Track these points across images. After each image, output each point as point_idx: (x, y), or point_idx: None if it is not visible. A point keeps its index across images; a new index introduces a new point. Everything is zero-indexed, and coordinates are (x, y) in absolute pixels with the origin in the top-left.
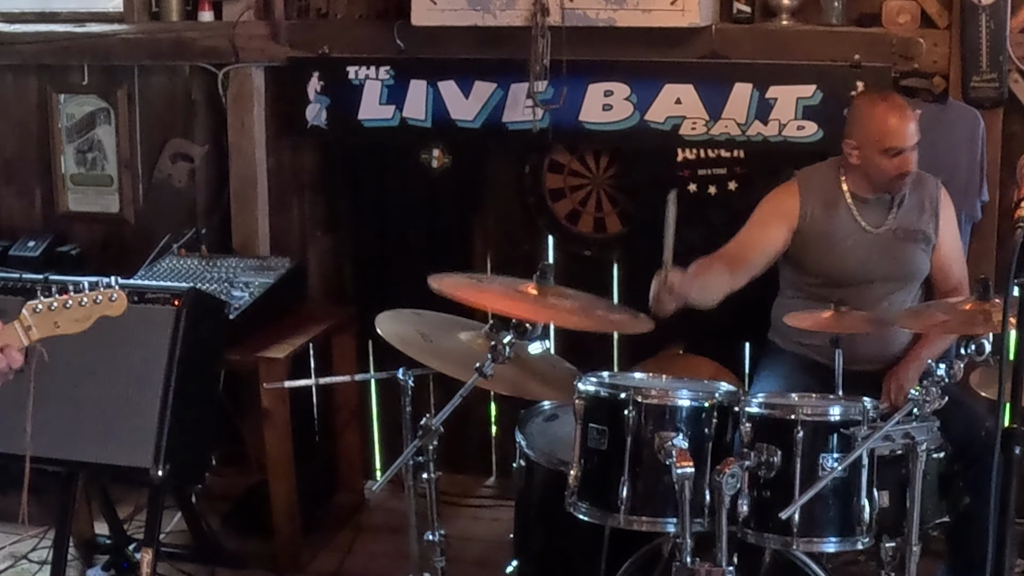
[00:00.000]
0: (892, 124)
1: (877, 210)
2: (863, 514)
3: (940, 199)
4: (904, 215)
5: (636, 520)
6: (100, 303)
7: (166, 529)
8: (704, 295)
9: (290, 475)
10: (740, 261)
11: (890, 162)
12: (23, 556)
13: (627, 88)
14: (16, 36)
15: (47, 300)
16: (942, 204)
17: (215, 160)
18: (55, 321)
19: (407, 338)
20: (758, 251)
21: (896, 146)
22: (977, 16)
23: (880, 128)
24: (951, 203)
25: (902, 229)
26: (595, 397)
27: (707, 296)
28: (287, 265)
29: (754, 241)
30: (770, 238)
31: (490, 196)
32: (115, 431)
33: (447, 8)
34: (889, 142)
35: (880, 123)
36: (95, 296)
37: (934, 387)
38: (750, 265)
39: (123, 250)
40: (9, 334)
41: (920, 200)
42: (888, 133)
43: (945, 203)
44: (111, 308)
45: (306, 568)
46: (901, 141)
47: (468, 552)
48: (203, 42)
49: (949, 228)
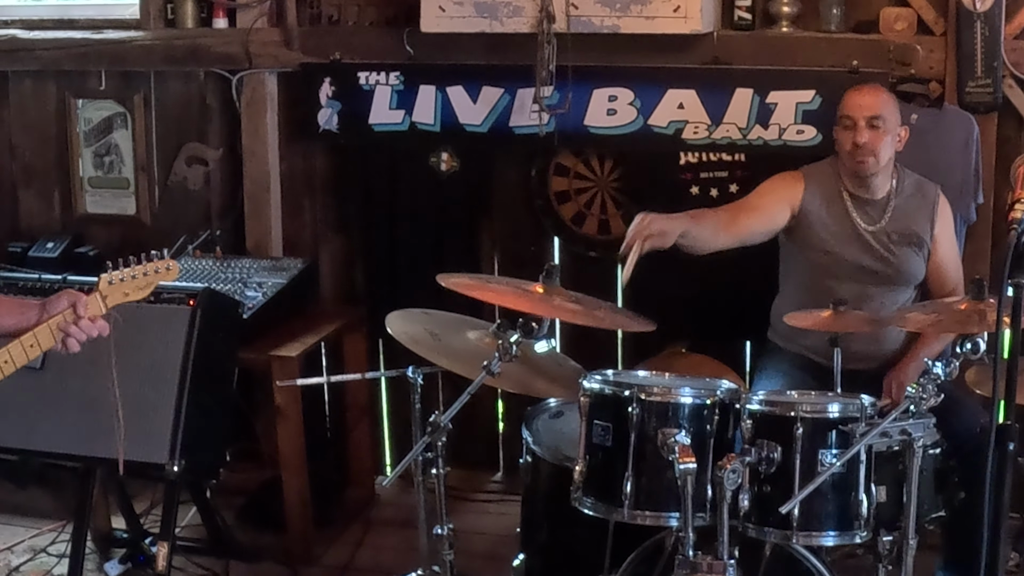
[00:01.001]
0: (850, 95)
1: (872, 210)
2: (861, 509)
3: (938, 205)
4: (899, 217)
5: (640, 514)
6: (159, 272)
7: (181, 523)
8: (695, 238)
9: (302, 470)
10: (736, 220)
11: (845, 134)
12: (42, 549)
13: (631, 93)
14: (35, 42)
15: (117, 272)
16: (939, 210)
17: (229, 163)
18: (124, 291)
19: (416, 337)
20: (756, 217)
21: (847, 114)
22: (972, 23)
23: (843, 101)
24: (949, 210)
25: (896, 231)
26: (600, 394)
27: (695, 240)
28: (299, 266)
29: (755, 206)
30: (771, 210)
31: (497, 199)
32: (132, 427)
33: (456, 15)
34: (844, 110)
35: (844, 97)
36: (155, 267)
37: (931, 385)
38: (744, 227)
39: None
40: (93, 306)
41: (918, 204)
42: (845, 102)
43: (943, 209)
44: (167, 276)
45: (318, 561)
46: (852, 110)
47: (476, 545)
48: (218, 48)
49: (946, 234)
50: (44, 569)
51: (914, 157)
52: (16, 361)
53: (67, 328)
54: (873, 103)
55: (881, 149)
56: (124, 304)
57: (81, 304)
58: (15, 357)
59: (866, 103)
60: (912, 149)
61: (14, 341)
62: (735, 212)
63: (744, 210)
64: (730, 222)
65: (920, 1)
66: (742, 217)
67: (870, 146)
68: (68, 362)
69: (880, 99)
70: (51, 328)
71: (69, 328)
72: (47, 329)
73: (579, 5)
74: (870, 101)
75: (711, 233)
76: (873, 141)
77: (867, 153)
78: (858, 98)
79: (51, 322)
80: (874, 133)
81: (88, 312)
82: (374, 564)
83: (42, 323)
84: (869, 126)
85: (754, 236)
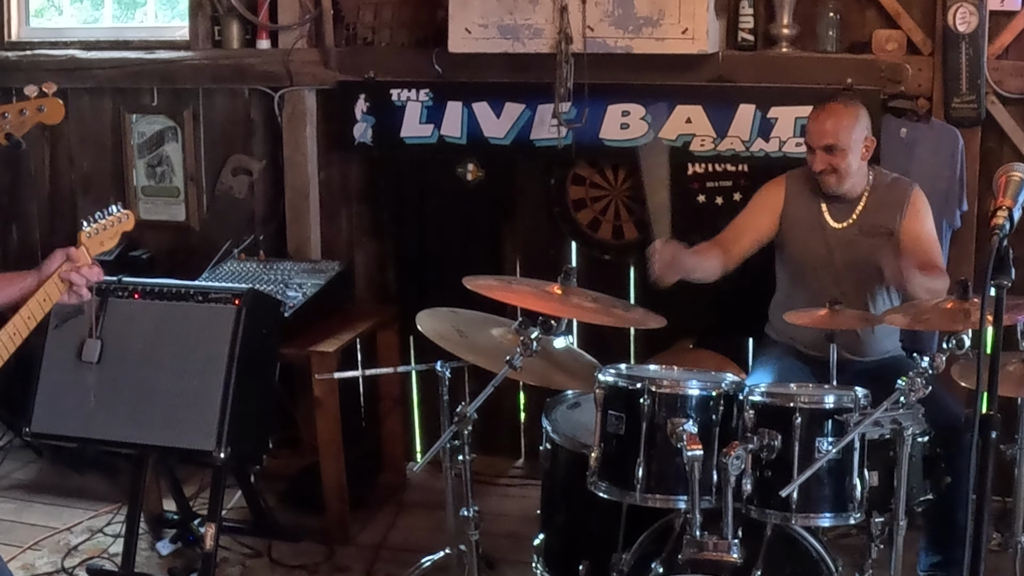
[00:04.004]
0: (809, 121)
1: (843, 209)
2: (855, 492)
3: (909, 196)
4: (867, 214)
5: (651, 497)
6: (123, 222)
7: (228, 506)
8: (703, 272)
9: (339, 457)
10: (733, 243)
11: (811, 157)
12: (99, 530)
13: (642, 109)
14: (93, 62)
15: (92, 227)
16: (910, 200)
17: (271, 174)
18: (100, 241)
19: (444, 334)
20: (747, 235)
21: (809, 143)
22: (958, 44)
23: (808, 122)
24: (925, 203)
25: (866, 225)
26: (614, 387)
27: (705, 273)
28: (336, 268)
29: (745, 226)
30: (759, 224)
31: (519, 206)
32: (182, 417)
33: (481, 37)
34: (807, 139)
35: (809, 118)
36: (118, 218)
37: (919, 378)
38: (741, 248)
39: (189, 255)
40: (83, 255)
41: (887, 200)
42: (807, 126)
43: (915, 199)
44: (128, 225)
45: (354, 540)
46: (810, 138)
47: (499, 526)
48: (261, 67)
49: (916, 217)
50: (101, 548)
51: (903, 168)
52: (35, 316)
53: (69, 276)
54: (830, 130)
55: (842, 167)
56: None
57: (74, 254)
58: (34, 313)
59: (822, 130)
60: (901, 160)
61: (31, 298)
62: (730, 242)
63: (736, 231)
64: (727, 252)
65: (909, 24)
66: (736, 246)
67: (829, 169)
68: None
69: (838, 124)
70: (56, 281)
71: (71, 276)
72: (53, 283)
73: (595, 27)
74: (827, 127)
75: (716, 265)
76: (833, 163)
77: (827, 175)
78: (815, 125)
79: (54, 276)
80: (831, 157)
81: (81, 260)
82: (405, 543)
83: (44, 281)
84: (826, 151)
85: (751, 250)
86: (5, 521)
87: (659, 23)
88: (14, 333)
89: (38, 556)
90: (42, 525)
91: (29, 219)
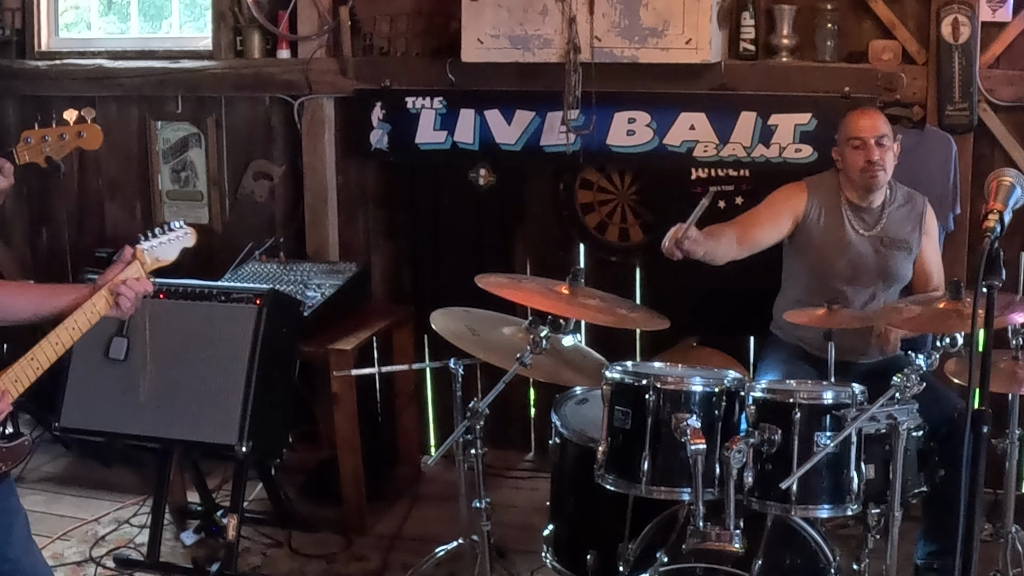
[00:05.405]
0: (856, 119)
1: (869, 217)
2: (852, 484)
3: (926, 215)
4: (891, 224)
5: (656, 490)
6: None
7: (249, 497)
8: (712, 254)
9: (357, 451)
10: (748, 234)
11: (856, 153)
12: (126, 521)
13: (648, 116)
14: (119, 71)
15: (149, 242)
16: (927, 219)
17: (291, 178)
18: (156, 256)
19: (457, 332)
20: (765, 229)
21: (858, 136)
22: (951, 54)
23: (848, 124)
24: (935, 218)
25: (888, 237)
26: (620, 383)
27: (714, 255)
28: (354, 269)
29: (764, 219)
30: (777, 222)
31: (529, 209)
32: (205, 412)
33: (492, 47)
34: (853, 133)
35: (849, 121)
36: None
37: (914, 375)
38: (755, 239)
39: (212, 256)
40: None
41: (908, 213)
42: (853, 126)
43: (930, 219)
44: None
45: (370, 531)
46: (862, 132)
47: (510, 517)
48: (281, 76)
49: (931, 240)
50: (127, 538)
51: (899, 173)
52: (81, 327)
53: (117, 289)
54: (878, 124)
55: (888, 163)
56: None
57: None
58: (79, 324)
59: (873, 125)
60: (897, 166)
61: (78, 309)
62: (746, 226)
63: (754, 224)
64: (743, 236)
65: (905, 34)
66: (754, 231)
67: (881, 162)
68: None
69: (881, 120)
70: (105, 294)
71: (121, 288)
72: (102, 295)
73: (602, 38)
74: (875, 123)
75: (727, 247)
76: (882, 157)
77: (879, 168)
78: (864, 120)
79: (103, 289)
80: (882, 150)
81: (133, 274)
82: (420, 533)
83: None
84: (878, 144)
85: (764, 245)
86: (36, 512)
87: (664, 34)
88: (56, 343)
89: (67, 546)
90: (71, 516)
91: (58, 223)
